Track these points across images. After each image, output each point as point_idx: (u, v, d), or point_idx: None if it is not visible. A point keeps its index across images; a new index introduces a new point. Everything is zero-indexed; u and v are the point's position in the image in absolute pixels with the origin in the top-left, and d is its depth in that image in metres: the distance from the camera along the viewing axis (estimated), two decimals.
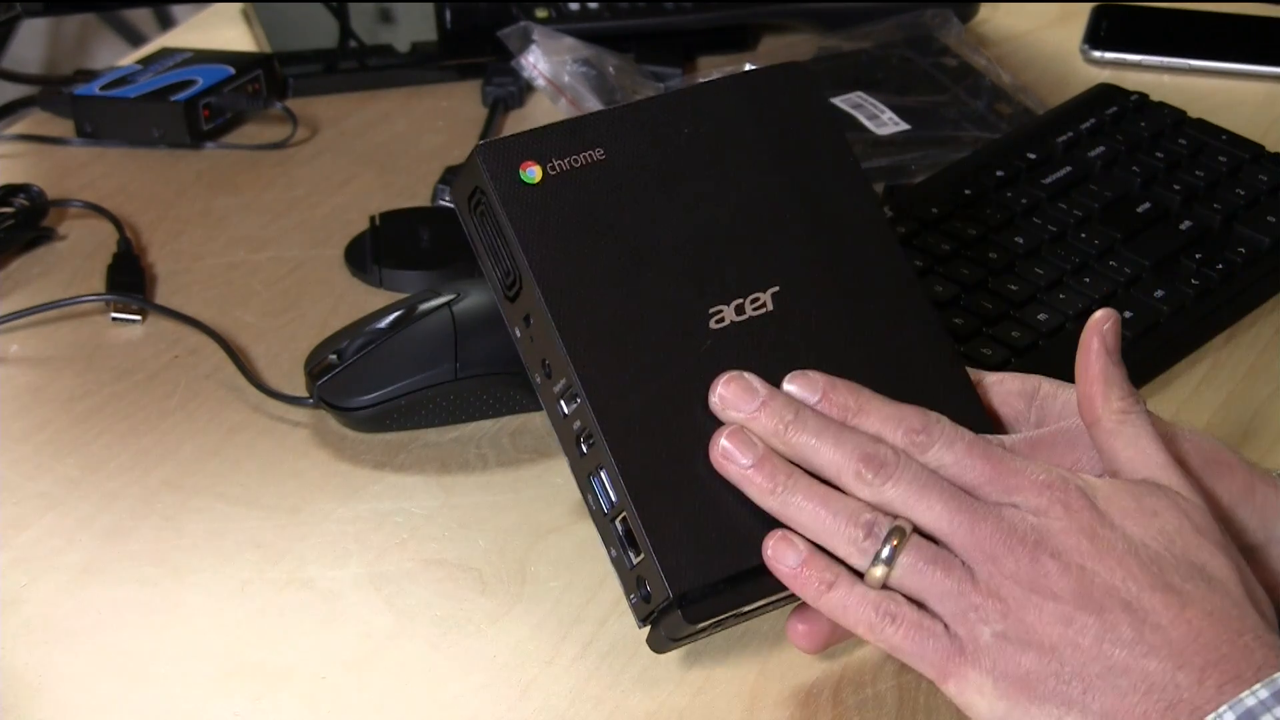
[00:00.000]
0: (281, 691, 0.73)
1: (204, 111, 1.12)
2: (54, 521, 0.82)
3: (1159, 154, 1.03)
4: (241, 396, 0.90)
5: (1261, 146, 1.04)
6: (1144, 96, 1.08)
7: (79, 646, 0.76)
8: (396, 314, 0.88)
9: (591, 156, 0.70)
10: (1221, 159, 1.03)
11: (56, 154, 1.13)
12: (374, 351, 0.87)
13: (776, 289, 0.71)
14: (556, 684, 0.74)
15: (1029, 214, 0.98)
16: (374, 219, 1.03)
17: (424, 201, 1.07)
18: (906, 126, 1.12)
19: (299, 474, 0.85)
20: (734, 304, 0.70)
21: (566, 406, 0.69)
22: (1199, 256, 0.95)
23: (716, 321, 0.70)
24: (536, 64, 1.16)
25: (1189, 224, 0.98)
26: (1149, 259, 0.95)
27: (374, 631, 0.76)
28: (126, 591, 0.78)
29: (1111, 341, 0.69)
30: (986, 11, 1.29)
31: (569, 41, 1.17)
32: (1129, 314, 0.91)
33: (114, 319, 0.96)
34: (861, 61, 1.19)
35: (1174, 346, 0.93)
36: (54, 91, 1.16)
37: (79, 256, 1.02)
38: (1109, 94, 1.09)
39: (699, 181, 0.71)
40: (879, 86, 1.16)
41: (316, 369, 0.88)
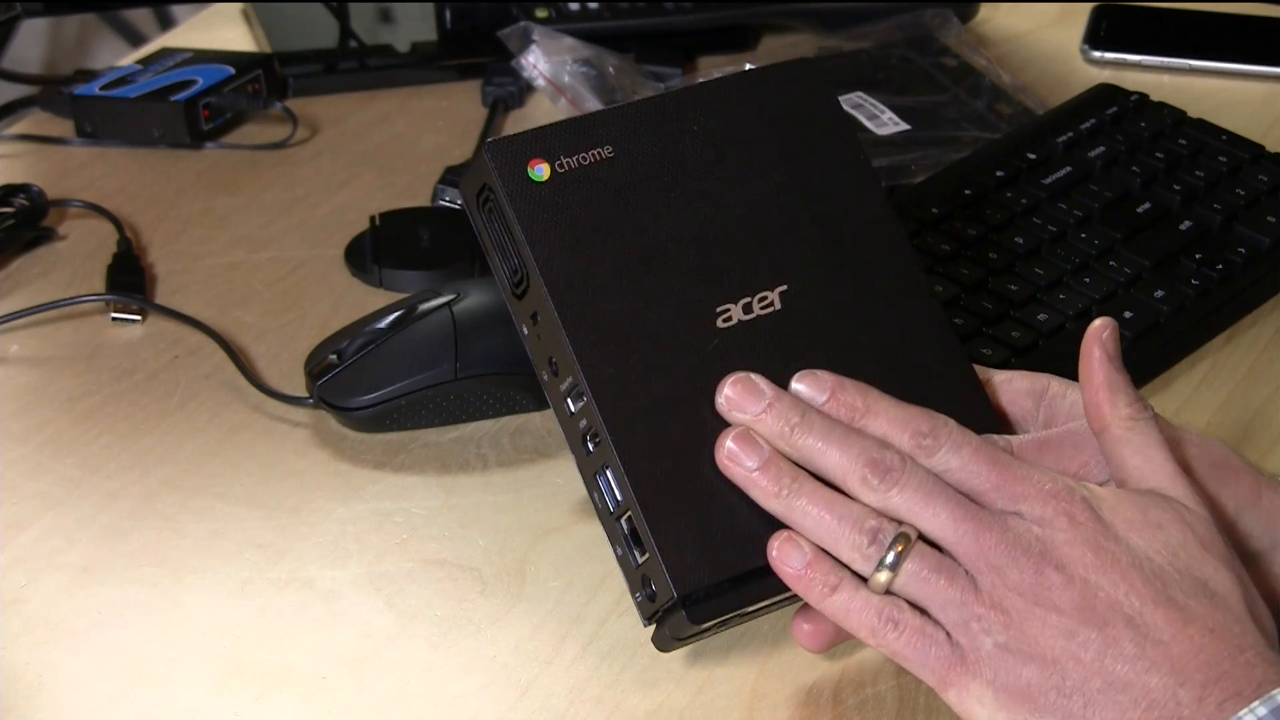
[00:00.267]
0: (281, 691, 0.73)
1: (204, 111, 1.12)
2: (54, 521, 0.82)
3: (1159, 154, 1.03)
4: (241, 396, 0.90)
5: (1261, 146, 1.04)
6: (1144, 96, 1.08)
7: (79, 646, 0.75)
8: (396, 314, 0.88)
9: (600, 154, 0.70)
10: (1221, 159, 1.03)
11: (56, 154, 1.13)
12: (374, 351, 0.87)
13: (784, 288, 0.71)
14: (556, 684, 0.74)
15: (1029, 214, 0.98)
16: (374, 219, 1.03)
17: (424, 201, 1.07)
18: (906, 126, 1.12)
19: (299, 474, 0.85)
20: (742, 303, 0.70)
21: (573, 405, 0.68)
22: (1199, 257, 0.95)
23: (724, 320, 0.69)
24: (536, 64, 1.16)
25: (1189, 224, 0.98)
26: (1149, 259, 0.95)
27: (374, 631, 0.76)
28: (126, 591, 0.78)
29: (1112, 348, 0.68)
30: (986, 11, 1.29)
31: (569, 41, 1.17)
32: (1129, 314, 0.91)
33: (114, 319, 0.96)
34: (861, 61, 1.19)
35: (1174, 347, 0.93)
36: (54, 91, 1.16)
37: (79, 256, 1.02)
38: (1109, 94, 1.09)
39: (707, 179, 0.71)
40: (879, 86, 1.15)
41: (316, 369, 0.88)
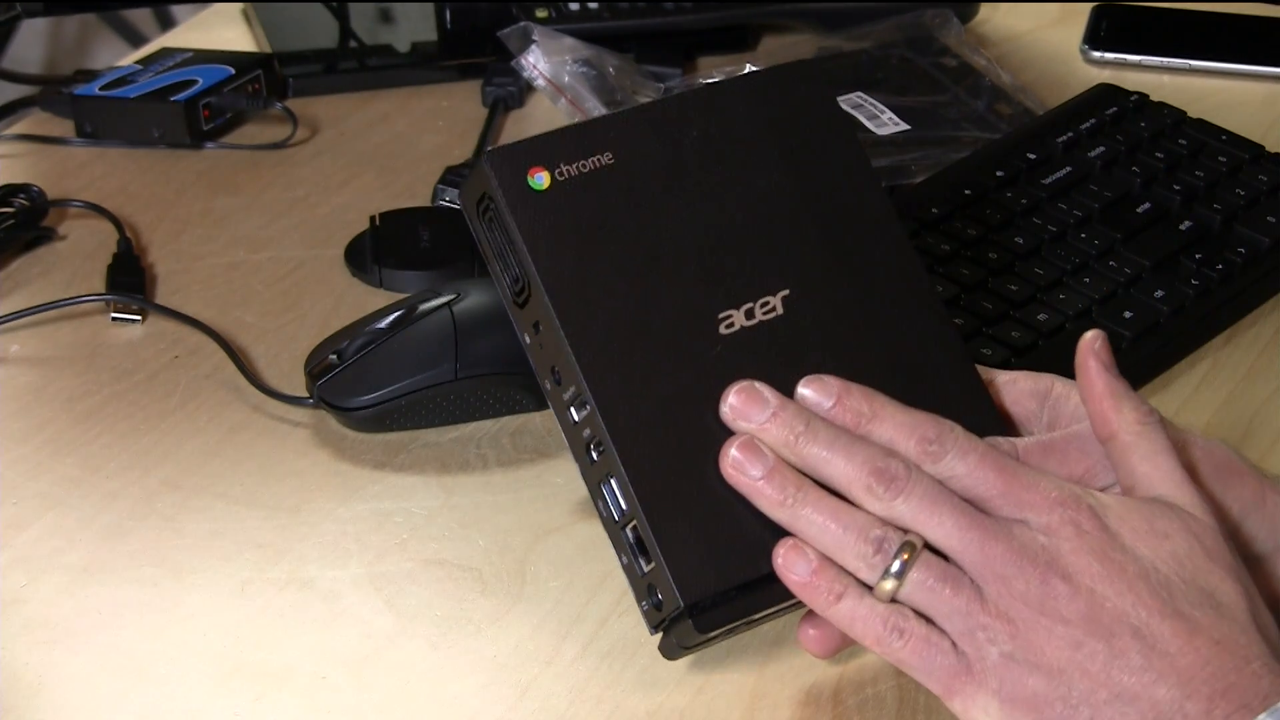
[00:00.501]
0: (281, 691, 0.73)
1: (204, 111, 1.12)
2: (54, 521, 0.82)
3: (1159, 154, 1.03)
4: (241, 396, 0.90)
5: (1261, 146, 1.04)
6: (1144, 97, 1.08)
7: (79, 646, 0.75)
8: (396, 314, 0.88)
9: (600, 161, 0.69)
10: (1221, 159, 1.03)
11: (56, 154, 1.13)
12: (374, 351, 0.87)
13: (786, 292, 0.70)
14: (556, 684, 0.74)
15: (1029, 214, 0.98)
16: (374, 219, 1.03)
17: (424, 201, 1.07)
18: (906, 126, 1.12)
19: (299, 474, 0.85)
20: (744, 308, 0.69)
21: (576, 414, 0.68)
22: (1199, 257, 0.95)
23: (726, 327, 0.69)
24: (536, 64, 1.16)
25: (1189, 224, 0.98)
26: (1149, 259, 0.95)
27: (374, 631, 0.76)
28: (126, 591, 0.78)
29: (1106, 358, 0.68)
30: (986, 11, 1.29)
31: (569, 42, 1.17)
32: (1129, 314, 0.91)
33: (114, 319, 0.96)
34: (861, 61, 1.19)
35: (1174, 346, 0.93)
36: (54, 91, 1.16)
37: (79, 256, 1.02)
38: (1109, 94, 1.09)
39: (708, 184, 0.71)
40: (879, 86, 1.15)
41: (316, 369, 0.88)
